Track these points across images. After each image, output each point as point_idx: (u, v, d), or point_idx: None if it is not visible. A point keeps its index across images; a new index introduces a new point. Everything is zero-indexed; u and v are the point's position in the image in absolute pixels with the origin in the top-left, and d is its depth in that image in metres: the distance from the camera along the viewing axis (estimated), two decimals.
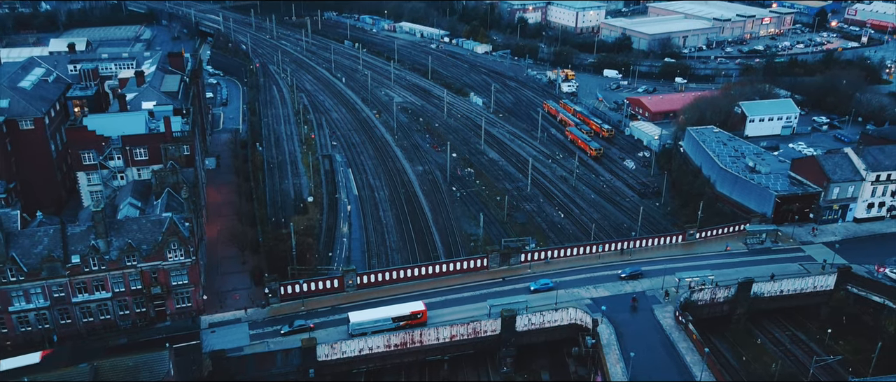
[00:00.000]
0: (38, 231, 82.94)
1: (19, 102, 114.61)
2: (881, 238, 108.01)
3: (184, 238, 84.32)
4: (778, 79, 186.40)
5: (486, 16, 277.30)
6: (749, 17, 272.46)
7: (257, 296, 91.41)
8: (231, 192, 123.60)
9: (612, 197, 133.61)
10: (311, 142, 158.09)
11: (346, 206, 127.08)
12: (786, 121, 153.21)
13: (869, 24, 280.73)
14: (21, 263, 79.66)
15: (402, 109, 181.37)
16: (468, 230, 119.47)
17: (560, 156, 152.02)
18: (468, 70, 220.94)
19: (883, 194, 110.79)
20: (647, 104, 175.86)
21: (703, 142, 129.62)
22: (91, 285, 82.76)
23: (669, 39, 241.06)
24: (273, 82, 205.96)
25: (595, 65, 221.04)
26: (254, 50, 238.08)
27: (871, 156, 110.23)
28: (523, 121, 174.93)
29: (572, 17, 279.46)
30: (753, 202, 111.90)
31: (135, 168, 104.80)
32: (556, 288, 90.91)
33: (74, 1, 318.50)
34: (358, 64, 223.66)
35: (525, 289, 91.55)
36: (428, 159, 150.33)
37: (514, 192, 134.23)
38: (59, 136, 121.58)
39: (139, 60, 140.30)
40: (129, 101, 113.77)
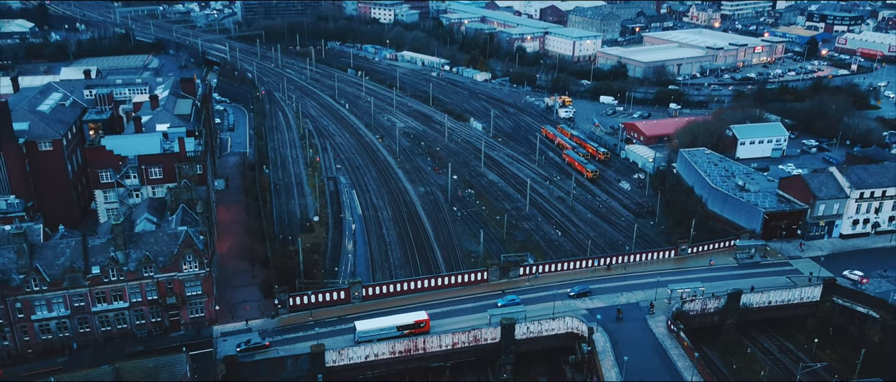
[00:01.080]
0: (60, 243, 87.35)
1: (39, 125, 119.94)
2: (866, 253, 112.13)
3: (198, 250, 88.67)
4: (769, 104, 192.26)
5: (485, 45, 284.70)
6: (741, 45, 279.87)
7: (267, 308, 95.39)
8: (240, 211, 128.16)
9: (608, 216, 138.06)
10: (317, 164, 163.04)
11: (350, 225, 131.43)
12: (775, 143, 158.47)
13: (859, 53, 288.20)
14: (44, 273, 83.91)
15: (405, 134, 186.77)
16: (469, 247, 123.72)
17: (557, 178, 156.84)
18: (468, 97, 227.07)
19: (867, 211, 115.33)
20: (641, 128, 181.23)
21: (694, 163, 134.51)
22: (110, 295, 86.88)
23: (664, 67, 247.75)
24: (279, 109, 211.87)
25: (591, 92, 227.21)
26: (260, 78, 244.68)
27: (854, 175, 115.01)
28: (522, 145, 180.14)
29: (569, 46, 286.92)
30: (743, 219, 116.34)
31: (150, 186, 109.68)
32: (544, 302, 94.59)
33: (84, 31, 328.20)
34: (361, 91, 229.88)
35: (523, 301, 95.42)
36: (429, 181, 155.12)
37: (513, 212, 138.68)
38: (76, 158, 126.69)
39: (152, 85, 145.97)
40: (145, 123, 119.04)
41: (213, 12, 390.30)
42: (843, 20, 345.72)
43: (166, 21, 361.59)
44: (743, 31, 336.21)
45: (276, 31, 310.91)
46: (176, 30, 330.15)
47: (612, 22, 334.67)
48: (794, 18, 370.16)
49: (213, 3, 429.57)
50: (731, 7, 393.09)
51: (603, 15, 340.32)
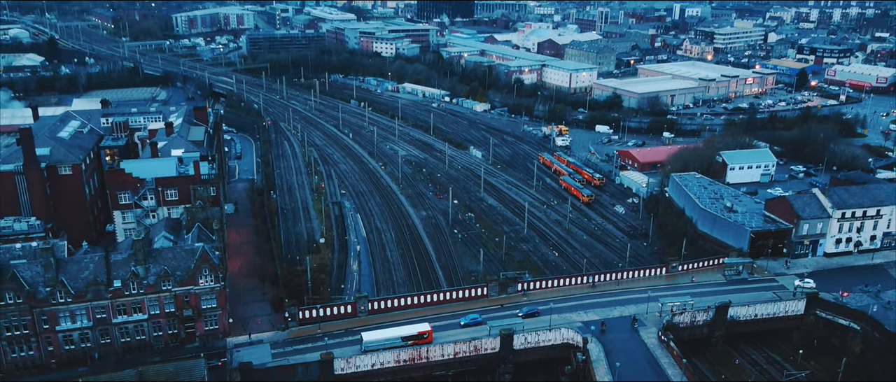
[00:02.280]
0: (84, 258, 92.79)
1: (59, 150, 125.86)
2: (849, 270, 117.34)
3: (214, 265, 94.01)
4: (758, 132, 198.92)
5: (484, 77, 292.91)
6: (733, 77, 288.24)
7: (278, 322, 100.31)
8: (249, 233, 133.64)
9: (603, 238, 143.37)
10: (322, 190, 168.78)
11: (355, 246, 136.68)
12: (764, 168, 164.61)
13: (847, 84, 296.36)
14: (69, 286, 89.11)
15: (407, 161, 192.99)
16: (469, 267, 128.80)
17: (554, 202, 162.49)
18: (468, 126, 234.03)
19: (849, 230, 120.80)
20: (636, 155, 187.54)
21: (685, 187, 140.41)
22: (130, 307, 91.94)
23: (658, 98, 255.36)
24: (284, 138, 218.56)
25: (587, 122, 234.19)
26: (265, 109, 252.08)
27: (836, 196, 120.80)
28: (520, 172, 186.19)
29: (566, 78, 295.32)
30: (731, 238, 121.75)
31: (165, 207, 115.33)
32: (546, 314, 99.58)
33: (93, 65, 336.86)
34: (364, 121, 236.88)
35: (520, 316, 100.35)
36: (431, 205, 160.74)
37: (512, 234, 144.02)
38: (93, 182, 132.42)
39: (165, 114, 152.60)
40: (160, 149, 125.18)
41: (219, 47, 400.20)
42: (833, 53, 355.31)
43: (173, 55, 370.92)
44: (735, 63, 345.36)
45: (281, 65, 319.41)
46: (183, 63, 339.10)
47: (607, 55, 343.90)
48: (785, 51, 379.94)
49: (218, 37, 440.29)
50: (723, 41, 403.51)
51: (599, 48, 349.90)
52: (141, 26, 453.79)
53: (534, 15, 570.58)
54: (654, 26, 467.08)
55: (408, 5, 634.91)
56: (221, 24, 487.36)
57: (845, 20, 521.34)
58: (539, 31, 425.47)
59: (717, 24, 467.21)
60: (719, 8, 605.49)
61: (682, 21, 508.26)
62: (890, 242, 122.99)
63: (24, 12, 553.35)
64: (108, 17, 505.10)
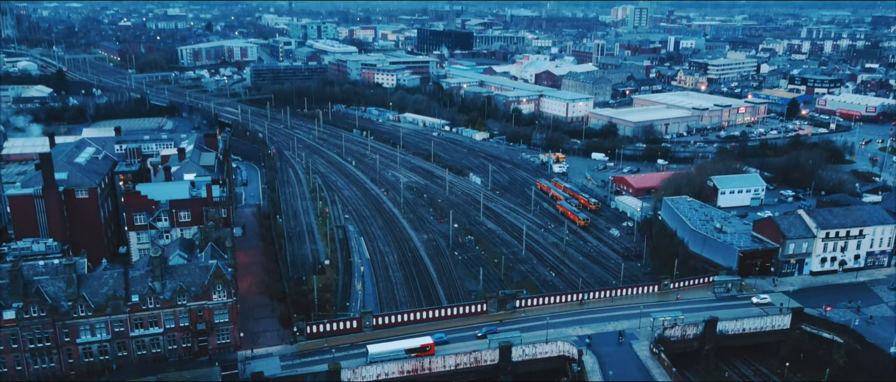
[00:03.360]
0: (104, 274, 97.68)
1: (76, 175, 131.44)
2: (833, 287, 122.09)
3: (227, 281, 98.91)
4: (749, 159, 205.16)
5: (483, 107, 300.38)
6: (726, 106, 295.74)
7: (286, 336, 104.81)
8: (257, 254, 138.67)
9: (599, 259, 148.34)
10: (326, 215, 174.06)
11: (359, 267, 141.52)
12: (754, 193, 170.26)
13: (838, 113, 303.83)
14: (89, 300, 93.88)
15: (408, 188, 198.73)
16: (469, 286, 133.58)
17: (552, 226, 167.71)
18: (467, 154, 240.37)
19: (834, 250, 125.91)
20: (630, 181, 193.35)
21: (677, 209, 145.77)
22: (147, 321, 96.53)
23: (652, 126, 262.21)
24: (289, 165, 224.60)
25: (584, 150, 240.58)
26: (270, 137, 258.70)
27: (820, 217, 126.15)
28: (518, 197, 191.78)
29: (563, 108, 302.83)
30: (720, 257, 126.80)
31: (178, 228, 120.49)
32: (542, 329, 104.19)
33: (100, 96, 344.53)
34: (366, 149, 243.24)
35: (519, 329, 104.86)
36: (432, 229, 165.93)
37: (511, 256, 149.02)
38: (107, 205, 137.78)
39: (176, 140, 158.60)
40: (174, 173, 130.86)
41: (224, 78, 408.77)
42: (823, 83, 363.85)
43: (179, 86, 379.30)
44: (728, 93, 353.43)
45: (285, 95, 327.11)
46: (188, 94, 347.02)
47: (603, 85, 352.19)
48: (777, 82, 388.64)
49: (222, 69, 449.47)
50: (717, 71, 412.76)
51: (595, 79, 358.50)
52: (147, 59, 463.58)
53: (531, 47, 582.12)
54: (650, 58, 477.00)
55: (408, 38, 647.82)
56: (225, 57, 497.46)
57: (836, 51, 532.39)
58: (537, 62, 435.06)
59: (711, 55, 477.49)
60: (713, 41, 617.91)
61: (677, 53, 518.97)
62: (873, 261, 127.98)
63: (32, 46, 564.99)
64: (115, 50, 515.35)
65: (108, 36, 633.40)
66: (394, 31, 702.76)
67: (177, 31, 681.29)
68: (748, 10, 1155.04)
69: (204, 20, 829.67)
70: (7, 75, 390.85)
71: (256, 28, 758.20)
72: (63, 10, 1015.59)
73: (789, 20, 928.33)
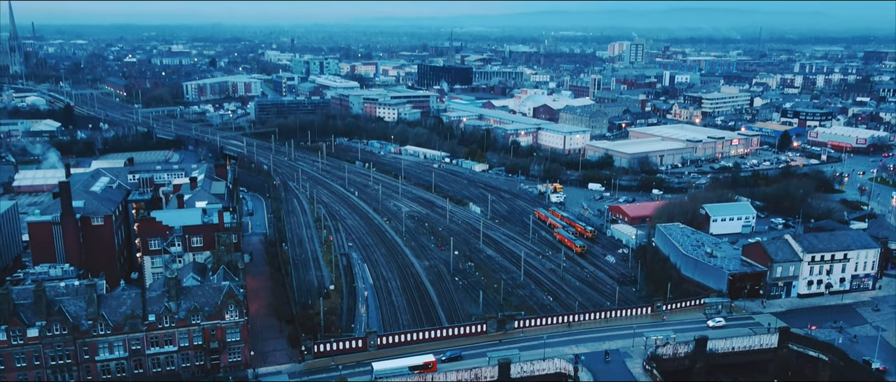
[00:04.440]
0: (123, 294, 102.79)
1: (92, 203, 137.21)
2: (820, 309, 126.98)
3: (239, 301, 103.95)
4: (741, 189, 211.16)
5: (482, 140, 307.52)
6: (719, 138, 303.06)
7: (294, 355, 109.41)
8: (265, 279, 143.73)
9: (595, 284, 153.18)
10: (330, 243, 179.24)
11: (363, 292, 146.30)
12: (745, 220, 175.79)
13: (829, 145, 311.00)
14: (108, 319, 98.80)
15: (410, 217, 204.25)
16: (469, 310, 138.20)
17: (549, 253, 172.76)
18: (467, 185, 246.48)
19: (820, 273, 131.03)
20: (626, 210, 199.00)
21: (670, 236, 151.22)
22: (162, 339, 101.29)
23: (647, 158, 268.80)
24: (293, 196, 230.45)
25: (581, 180, 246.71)
26: (274, 169, 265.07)
27: (806, 241, 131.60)
28: (516, 226, 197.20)
29: (561, 140, 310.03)
30: (711, 281, 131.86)
31: (191, 253, 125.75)
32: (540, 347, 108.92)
33: (107, 130, 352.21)
34: (368, 181, 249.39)
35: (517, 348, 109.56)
36: (433, 256, 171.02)
37: (509, 281, 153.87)
38: (121, 232, 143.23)
39: (187, 170, 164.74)
40: (186, 201, 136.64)
41: (228, 112, 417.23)
42: (815, 116, 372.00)
43: (184, 120, 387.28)
44: (722, 126, 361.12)
45: (289, 129, 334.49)
46: (194, 128, 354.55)
47: (600, 118, 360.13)
48: (770, 115, 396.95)
49: (226, 104, 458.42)
50: (711, 105, 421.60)
51: (591, 113, 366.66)
52: (152, 94, 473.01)
53: (530, 82, 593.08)
54: (645, 92, 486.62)
55: (408, 73, 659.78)
56: (230, 92, 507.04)
57: (828, 85, 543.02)
58: (535, 97, 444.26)
59: (706, 89, 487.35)
60: (708, 75, 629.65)
61: (672, 87, 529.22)
62: (858, 284, 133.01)
63: (39, 81, 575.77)
64: (121, 85, 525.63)
65: (113, 71, 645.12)
66: (394, 66, 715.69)
67: (181, 67, 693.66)
68: (743, 46, 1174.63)
69: (207, 56, 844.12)
70: (16, 110, 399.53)
71: (259, 64, 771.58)
72: (68, 47, 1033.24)
73: (783, 55, 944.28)
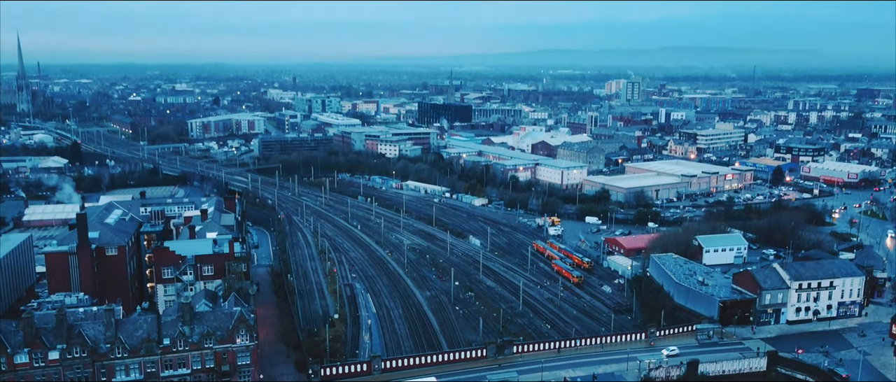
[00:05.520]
0: (139, 319, 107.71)
1: (107, 234, 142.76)
2: (808, 334, 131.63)
3: (250, 325, 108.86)
4: (733, 221, 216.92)
5: (482, 175, 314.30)
6: (713, 173, 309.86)
7: (302, 378, 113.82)
8: (272, 308, 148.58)
9: (592, 313, 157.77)
10: (334, 274, 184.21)
11: (366, 321, 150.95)
12: (737, 251, 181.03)
13: (821, 180, 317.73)
14: (125, 343, 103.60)
15: (411, 249, 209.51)
16: (470, 337, 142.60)
17: (547, 283, 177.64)
18: (467, 218, 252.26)
19: (807, 300, 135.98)
20: (621, 242, 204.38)
21: (663, 265, 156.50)
22: (176, 363, 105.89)
23: (643, 192, 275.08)
24: (297, 229, 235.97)
25: (578, 214, 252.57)
26: (279, 204, 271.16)
27: (793, 269, 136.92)
28: (515, 258, 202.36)
29: (558, 175, 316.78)
30: (703, 308, 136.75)
31: (202, 282, 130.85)
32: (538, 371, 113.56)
33: (114, 166, 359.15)
34: (371, 215, 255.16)
35: (516, 371, 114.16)
36: (434, 287, 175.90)
37: (509, 310, 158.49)
38: (132, 263, 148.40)
39: (197, 203, 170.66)
40: (197, 231, 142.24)
41: (232, 149, 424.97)
42: (808, 152, 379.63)
43: (189, 157, 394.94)
44: (716, 161, 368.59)
45: (292, 165, 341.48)
46: (199, 164, 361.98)
47: (596, 154, 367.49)
48: (763, 151, 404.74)
49: (230, 141, 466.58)
50: (706, 141, 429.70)
51: (588, 148, 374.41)
52: (158, 131, 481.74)
53: (528, 119, 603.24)
54: (641, 129, 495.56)
55: (409, 111, 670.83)
56: (233, 129, 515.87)
57: (821, 122, 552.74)
58: (533, 133, 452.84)
59: (701, 126, 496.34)
60: (703, 113, 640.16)
61: (668, 124, 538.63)
62: (845, 311, 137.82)
63: (46, 119, 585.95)
64: (126, 123, 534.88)
65: (119, 109, 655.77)
66: (395, 104, 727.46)
67: (185, 105, 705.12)
68: (738, 83, 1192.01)
69: (211, 95, 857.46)
70: (24, 147, 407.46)
71: (262, 102, 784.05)
72: (73, 86, 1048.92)
73: (777, 93, 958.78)
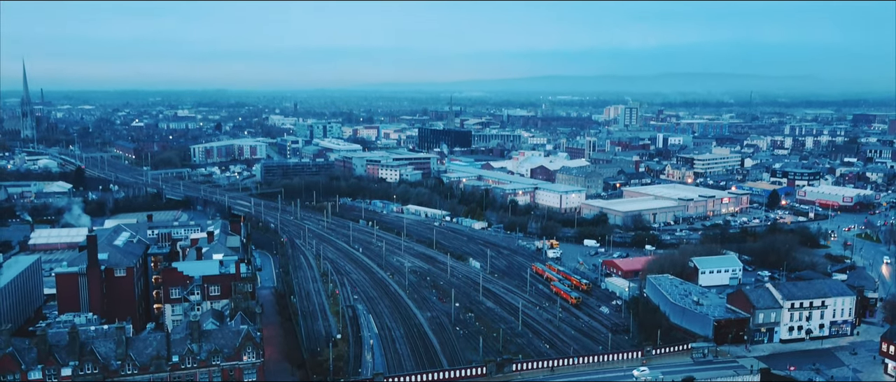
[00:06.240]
0: (149, 336, 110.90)
1: (116, 255, 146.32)
2: (801, 353, 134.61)
3: (256, 343, 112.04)
4: (729, 244, 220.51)
5: (482, 199, 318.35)
6: (710, 197, 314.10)
7: None
8: (276, 329, 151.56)
9: (590, 333, 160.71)
10: (336, 296, 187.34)
11: (368, 341, 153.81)
12: (732, 273, 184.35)
13: (817, 203, 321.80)
14: (136, 360, 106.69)
15: (412, 272, 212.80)
16: (470, 357, 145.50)
17: (546, 305, 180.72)
18: (467, 242, 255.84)
19: (799, 319, 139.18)
20: (619, 264, 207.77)
21: (659, 286, 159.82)
22: (184, 379, 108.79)
23: (640, 216, 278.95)
24: (300, 253, 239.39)
25: (576, 237, 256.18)
26: (281, 228, 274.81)
27: (785, 289, 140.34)
28: (515, 280, 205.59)
29: (557, 199, 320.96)
30: (698, 327, 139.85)
31: (208, 302, 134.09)
32: None
33: (117, 191, 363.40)
34: (372, 238, 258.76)
35: None
36: (435, 308, 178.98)
37: (508, 331, 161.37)
38: (140, 284, 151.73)
39: (203, 226, 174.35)
40: (204, 253, 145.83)
41: (235, 174, 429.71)
42: (804, 176, 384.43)
43: (192, 182, 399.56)
44: (713, 185, 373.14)
45: (294, 189, 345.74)
46: (202, 189, 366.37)
47: (595, 179, 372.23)
48: (759, 175, 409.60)
49: (232, 166, 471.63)
50: (703, 166, 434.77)
51: (587, 173, 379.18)
52: (161, 157, 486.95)
53: (527, 144, 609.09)
54: (639, 153, 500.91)
55: (409, 137, 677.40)
56: (235, 155, 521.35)
57: (817, 147, 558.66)
58: (532, 158, 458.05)
59: (698, 151, 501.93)
60: (701, 138, 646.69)
61: (666, 149, 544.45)
62: (837, 330, 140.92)
63: (50, 145, 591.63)
64: (130, 148, 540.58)
65: (121, 135, 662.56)
66: (396, 130, 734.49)
67: (188, 131, 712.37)
68: (736, 109, 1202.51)
69: (213, 121, 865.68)
70: (29, 172, 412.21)
71: (264, 128, 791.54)
72: (76, 112, 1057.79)
73: (774, 118, 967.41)
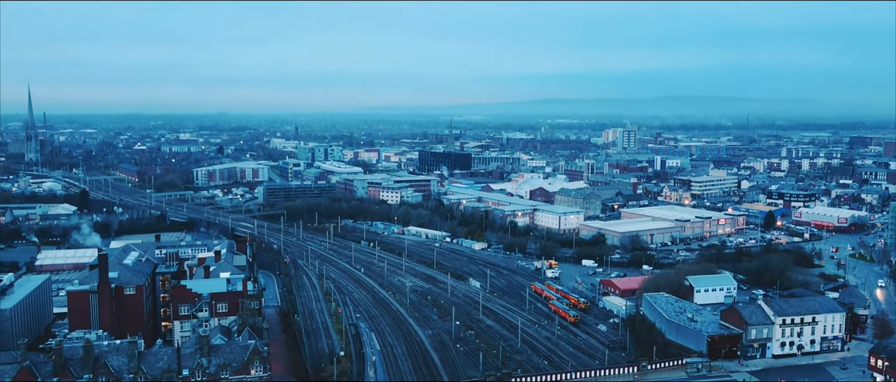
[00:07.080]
0: (160, 351, 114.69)
1: (125, 274, 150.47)
2: (793, 368, 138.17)
3: (264, 357, 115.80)
4: (725, 264, 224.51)
5: (481, 220, 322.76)
6: (707, 218, 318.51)
7: None
8: (280, 346, 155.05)
9: (587, 350, 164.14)
10: (339, 315, 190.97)
11: (371, 358, 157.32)
12: (727, 291, 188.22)
13: (812, 224, 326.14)
14: (147, 373, 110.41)
15: (413, 291, 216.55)
16: (470, 373, 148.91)
17: (544, 323, 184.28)
18: (467, 262, 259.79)
19: (791, 335, 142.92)
20: (617, 284, 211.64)
21: (655, 304, 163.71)
22: None
23: (638, 236, 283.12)
24: (303, 273, 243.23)
25: (575, 257, 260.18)
26: (284, 248, 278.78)
27: (777, 305, 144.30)
28: (514, 299, 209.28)
29: (556, 220, 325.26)
30: (692, 343, 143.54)
31: (216, 318, 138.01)
32: None
33: (121, 213, 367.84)
34: (374, 258, 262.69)
35: None
36: (436, 326, 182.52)
37: (508, 348, 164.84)
38: (149, 302, 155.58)
39: (209, 246, 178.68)
40: (212, 271, 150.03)
41: (237, 196, 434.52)
42: (799, 197, 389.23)
43: (195, 204, 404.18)
44: (710, 207, 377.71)
45: (296, 211, 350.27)
46: (205, 211, 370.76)
47: (593, 200, 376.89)
48: (756, 197, 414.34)
49: (234, 189, 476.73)
50: (700, 188, 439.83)
51: (585, 195, 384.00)
52: (164, 179, 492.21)
53: (526, 167, 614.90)
54: (637, 175, 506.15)
55: (410, 160, 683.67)
56: (238, 177, 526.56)
57: (813, 169, 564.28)
58: (531, 180, 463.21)
59: (695, 173, 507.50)
60: (699, 160, 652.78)
61: (663, 171, 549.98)
62: (828, 345, 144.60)
63: (54, 168, 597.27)
64: (133, 171, 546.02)
65: (125, 158, 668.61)
66: (396, 153, 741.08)
67: (190, 154, 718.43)
68: (733, 132, 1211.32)
69: (215, 144, 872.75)
70: (34, 195, 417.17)
71: (265, 151, 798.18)
72: (79, 136, 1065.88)
73: (771, 141, 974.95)
